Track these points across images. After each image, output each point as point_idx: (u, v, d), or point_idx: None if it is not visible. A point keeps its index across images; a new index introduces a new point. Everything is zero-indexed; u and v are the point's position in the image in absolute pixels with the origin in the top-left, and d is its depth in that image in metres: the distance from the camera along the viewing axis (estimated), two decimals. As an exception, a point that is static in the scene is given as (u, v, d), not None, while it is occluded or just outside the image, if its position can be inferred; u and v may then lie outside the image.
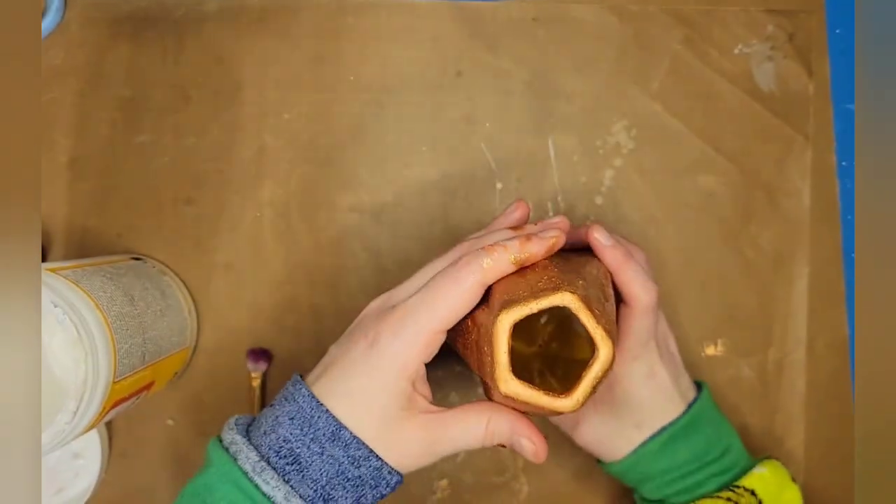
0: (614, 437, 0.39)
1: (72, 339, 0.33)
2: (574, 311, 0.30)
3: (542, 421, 0.46)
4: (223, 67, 0.48)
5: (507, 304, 0.31)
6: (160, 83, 0.48)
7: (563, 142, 0.47)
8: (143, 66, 0.48)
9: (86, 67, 0.48)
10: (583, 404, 0.30)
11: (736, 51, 0.47)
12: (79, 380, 0.33)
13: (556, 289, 0.31)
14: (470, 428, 0.32)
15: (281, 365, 0.47)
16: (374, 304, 0.35)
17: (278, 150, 0.48)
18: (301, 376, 0.33)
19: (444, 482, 0.47)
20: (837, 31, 0.48)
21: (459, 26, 0.48)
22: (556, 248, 0.33)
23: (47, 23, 0.48)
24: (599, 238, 0.36)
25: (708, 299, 0.47)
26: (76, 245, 0.47)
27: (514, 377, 0.30)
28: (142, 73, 0.48)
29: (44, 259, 0.47)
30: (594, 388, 0.31)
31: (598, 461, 0.41)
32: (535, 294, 0.31)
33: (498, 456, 0.47)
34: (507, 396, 0.30)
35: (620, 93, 0.47)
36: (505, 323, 0.30)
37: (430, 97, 0.48)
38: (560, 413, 0.31)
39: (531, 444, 0.33)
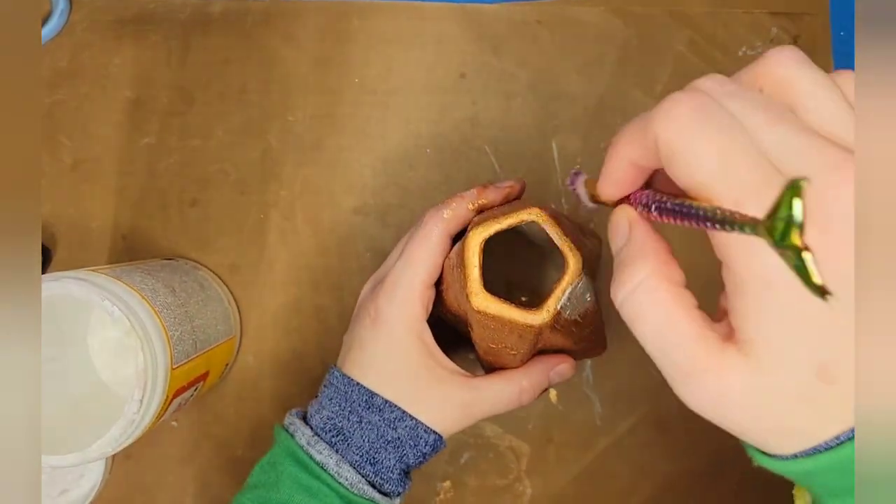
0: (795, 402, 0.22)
1: (125, 330, 0.34)
2: (541, 223, 0.31)
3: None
4: (228, 69, 0.48)
5: (478, 223, 0.32)
6: (165, 85, 0.48)
7: (566, 144, 0.47)
8: (148, 68, 0.48)
9: (91, 69, 0.48)
10: (553, 318, 0.30)
11: (740, 53, 0.47)
12: (139, 368, 0.34)
13: (524, 206, 0.32)
14: (503, 390, 0.34)
15: (284, 366, 0.47)
16: (367, 287, 0.39)
17: (283, 151, 0.48)
18: (333, 365, 0.37)
19: (447, 484, 0.47)
20: (842, 33, 0.48)
21: (463, 29, 0.48)
22: (512, 196, 0.36)
23: (52, 25, 0.48)
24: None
25: (712, 302, 0.47)
26: (80, 247, 0.47)
27: (484, 291, 0.31)
28: (147, 75, 0.48)
29: (47, 261, 0.47)
30: (568, 298, 0.30)
31: (755, 454, 0.24)
32: (506, 213, 0.32)
33: (501, 459, 0.46)
34: (478, 311, 0.31)
35: (624, 95, 0.47)
36: (476, 239, 0.31)
37: (434, 99, 0.48)
38: (532, 326, 0.30)
39: (564, 367, 0.36)
